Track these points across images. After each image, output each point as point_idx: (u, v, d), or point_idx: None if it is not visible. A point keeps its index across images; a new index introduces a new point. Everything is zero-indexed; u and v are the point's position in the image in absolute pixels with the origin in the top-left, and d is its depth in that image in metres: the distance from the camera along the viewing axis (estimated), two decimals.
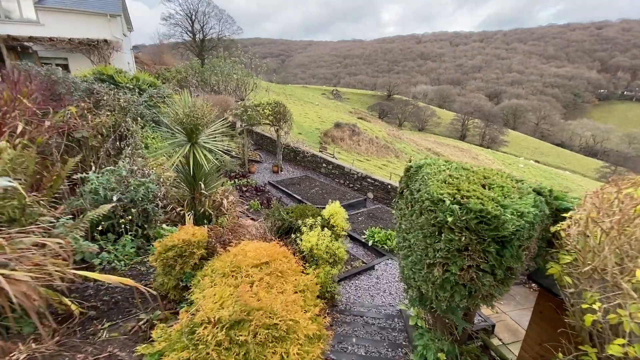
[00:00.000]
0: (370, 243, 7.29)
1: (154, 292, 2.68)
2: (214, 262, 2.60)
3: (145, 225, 4.03)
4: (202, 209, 5.60)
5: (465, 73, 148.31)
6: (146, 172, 4.70)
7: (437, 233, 2.29)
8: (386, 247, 7.09)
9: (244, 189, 10.09)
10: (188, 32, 49.81)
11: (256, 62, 19.37)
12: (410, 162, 4.00)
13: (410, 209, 3.16)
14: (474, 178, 2.66)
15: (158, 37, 49.02)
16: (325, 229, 4.19)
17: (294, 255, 3.50)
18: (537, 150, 74.58)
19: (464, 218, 2.08)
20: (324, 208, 4.94)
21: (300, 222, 4.22)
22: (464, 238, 2.11)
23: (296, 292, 2.25)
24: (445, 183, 2.57)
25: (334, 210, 4.54)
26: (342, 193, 10.84)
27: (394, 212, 4.25)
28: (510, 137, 76.83)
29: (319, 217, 4.36)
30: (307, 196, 10.44)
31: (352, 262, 6.47)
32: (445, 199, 2.26)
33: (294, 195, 10.49)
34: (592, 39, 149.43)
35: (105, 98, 4.67)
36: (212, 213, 5.49)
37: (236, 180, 11.05)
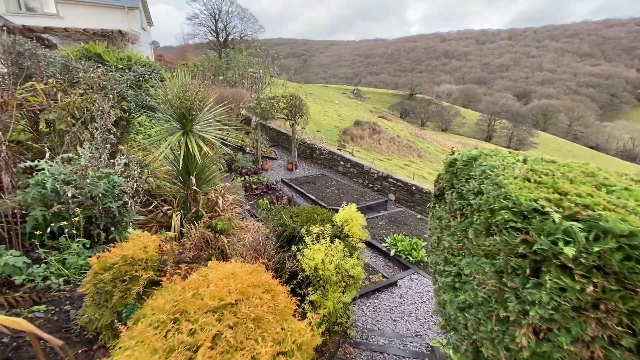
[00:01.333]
0: (392, 253, 6.25)
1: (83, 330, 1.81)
2: (157, 296, 1.71)
3: (112, 229, 3.23)
4: (195, 209, 4.77)
5: (491, 72, 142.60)
6: (132, 164, 3.93)
7: (529, 271, 1.29)
8: (411, 258, 6.03)
9: (254, 186, 9.27)
10: (212, 32, 50.26)
11: (273, 54, 18.59)
12: (453, 153, 2.96)
13: (460, 219, 2.14)
14: (574, 175, 1.62)
15: (182, 37, 49.74)
16: (337, 240, 3.22)
17: (290, 280, 2.59)
18: (570, 152, 70.25)
19: (596, 250, 1.07)
20: (338, 210, 3.99)
21: (304, 230, 3.27)
22: (591, 287, 1.10)
23: (279, 355, 1.34)
24: (530, 182, 1.55)
25: (349, 215, 3.56)
26: (361, 194, 9.82)
27: (428, 220, 3.25)
28: (539, 138, 72.77)
29: (329, 224, 3.40)
30: (321, 196, 9.50)
31: (371, 276, 5.46)
32: (546, 209, 1.25)
33: (308, 194, 9.57)
34: (631, 35, 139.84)
35: (81, 75, 3.93)
36: (204, 213, 4.65)
37: (247, 177, 10.26)
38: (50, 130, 3.83)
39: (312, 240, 3.06)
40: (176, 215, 4.45)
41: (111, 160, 3.48)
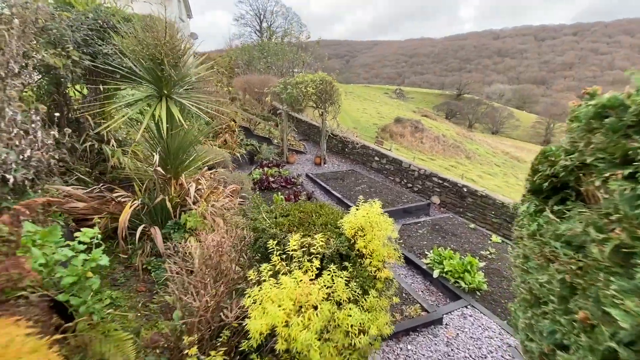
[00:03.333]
0: (435, 273, 4.60)
1: None
2: None
3: None
4: (162, 197, 3.52)
5: (552, 71, 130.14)
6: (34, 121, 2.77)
7: None
8: (463, 284, 4.33)
9: (271, 179, 8.02)
10: (257, 32, 50.79)
11: (305, 40, 17.38)
12: (592, 95, 1.34)
13: None
14: None
15: (229, 37, 51.17)
16: (335, 265, 1.74)
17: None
18: None
19: None
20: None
21: (276, 245, 1.83)
22: None
23: None
24: None
25: (369, 218, 2.06)
26: (397, 194, 8.17)
27: (511, 253, 1.66)
28: None
29: (329, 234, 1.94)
30: (349, 194, 8.00)
31: (404, 307, 3.88)
32: None
33: (333, 192, 8.13)
34: None
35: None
36: (171, 204, 3.39)
37: (266, 169, 9.06)
38: None
39: (283, 266, 1.64)
40: (131, 206, 3.24)
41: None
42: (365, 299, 1.68)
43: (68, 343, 1.76)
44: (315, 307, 1.49)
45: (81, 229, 2.23)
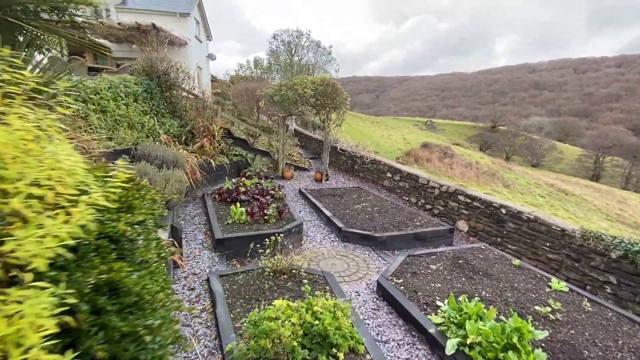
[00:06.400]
0: (449, 347, 2.47)
1: None
2: None
3: None
4: None
5: (595, 103, 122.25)
6: None
7: None
8: None
9: (242, 189, 6.29)
10: (289, 66, 52.09)
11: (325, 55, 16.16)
12: None
13: None
14: None
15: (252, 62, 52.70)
16: None
17: None
18: None
19: None
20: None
21: None
22: None
23: None
24: None
25: None
26: (407, 215, 6.08)
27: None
28: None
29: None
30: (343, 214, 6.05)
31: None
32: None
33: (323, 209, 6.22)
34: None
35: None
36: None
37: (244, 179, 7.39)
38: None
39: None
40: None
41: None
42: None
43: None
44: None
45: None
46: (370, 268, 4.32)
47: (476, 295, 3.36)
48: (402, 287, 3.47)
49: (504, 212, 5.40)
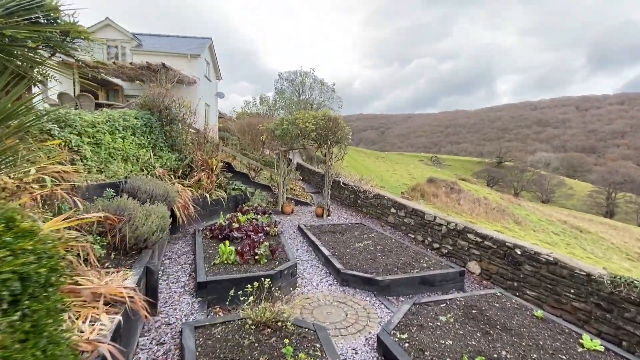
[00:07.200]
0: None
1: None
2: None
3: None
4: None
5: (601, 139, 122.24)
6: None
7: None
8: None
9: (235, 226, 5.92)
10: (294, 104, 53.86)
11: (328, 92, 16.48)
12: None
13: None
14: None
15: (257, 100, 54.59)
16: None
17: None
18: None
19: None
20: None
21: None
22: None
23: None
24: None
25: None
26: (413, 255, 5.60)
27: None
28: None
29: None
30: (342, 253, 5.60)
31: None
32: None
33: (321, 247, 5.78)
34: None
35: None
36: None
37: (240, 214, 7.04)
38: None
39: None
40: None
41: None
42: None
43: None
44: None
45: None
46: (371, 318, 3.81)
47: (495, 356, 2.84)
48: (406, 345, 2.96)
49: (519, 252, 4.90)
